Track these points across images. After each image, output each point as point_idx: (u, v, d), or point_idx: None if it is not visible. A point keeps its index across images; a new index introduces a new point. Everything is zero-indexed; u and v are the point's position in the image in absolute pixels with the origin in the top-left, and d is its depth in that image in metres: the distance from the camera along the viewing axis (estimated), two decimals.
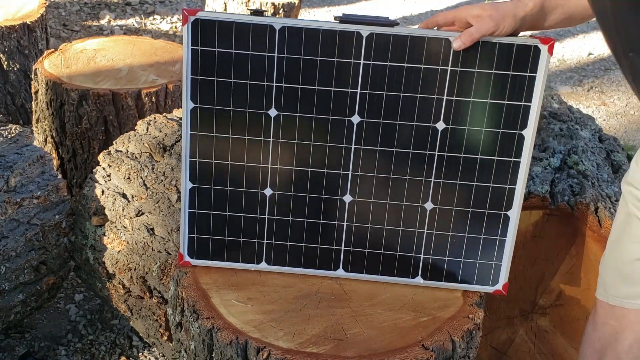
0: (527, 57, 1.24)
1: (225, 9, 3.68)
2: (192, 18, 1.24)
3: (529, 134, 1.28)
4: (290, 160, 1.31)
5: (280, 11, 3.62)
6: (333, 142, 1.30)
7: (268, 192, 1.33)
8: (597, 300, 1.34)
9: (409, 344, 1.21)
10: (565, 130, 1.87)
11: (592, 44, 4.84)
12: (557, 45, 4.81)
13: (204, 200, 1.34)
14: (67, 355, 1.98)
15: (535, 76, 1.25)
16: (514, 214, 1.32)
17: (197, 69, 1.26)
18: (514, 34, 1.34)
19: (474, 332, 1.27)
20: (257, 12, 1.23)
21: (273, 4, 3.59)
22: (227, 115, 1.29)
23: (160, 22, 4.54)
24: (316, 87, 1.26)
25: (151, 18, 4.60)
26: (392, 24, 1.22)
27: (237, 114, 1.29)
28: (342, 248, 1.35)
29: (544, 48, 1.24)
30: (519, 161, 1.29)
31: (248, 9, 1.23)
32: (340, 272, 1.37)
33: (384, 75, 1.25)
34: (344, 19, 1.22)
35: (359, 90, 1.26)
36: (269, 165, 1.31)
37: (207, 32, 1.24)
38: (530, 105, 1.26)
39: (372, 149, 1.30)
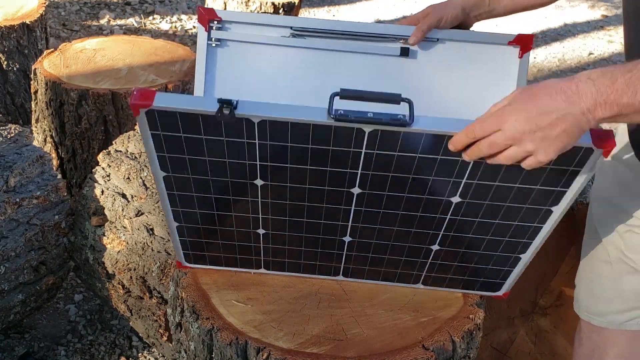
0: (575, 154, 1.01)
1: (225, 9, 3.68)
2: (143, 111, 0.99)
3: (559, 210, 1.13)
4: (282, 213, 1.21)
5: (280, 11, 3.62)
6: (330, 204, 1.17)
7: (261, 231, 1.26)
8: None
9: (409, 344, 1.21)
10: None
11: (593, 44, 4.84)
12: (557, 45, 4.81)
13: (193, 234, 1.28)
14: (67, 355, 1.98)
15: (579, 170, 1.04)
16: (527, 257, 1.25)
17: (162, 148, 1.07)
18: (465, 26, 1.37)
19: (474, 332, 1.26)
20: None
21: (273, 3, 3.59)
22: (207, 183, 1.15)
23: (160, 22, 4.54)
24: (308, 167, 1.09)
25: (151, 18, 4.60)
26: (404, 123, 0.98)
27: (217, 182, 1.14)
28: (342, 265, 1.33)
29: (598, 152, 1.00)
30: (541, 227, 1.18)
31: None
32: (340, 278, 1.37)
33: (390, 161, 1.06)
34: (340, 115, 0.98)
35: (359, 171, 1.09)
36: (260, 216, 1.22)
37: (167, 121, 1.01)
38: (566, 191, 1.09)
39: (375, 211, 1.18)
